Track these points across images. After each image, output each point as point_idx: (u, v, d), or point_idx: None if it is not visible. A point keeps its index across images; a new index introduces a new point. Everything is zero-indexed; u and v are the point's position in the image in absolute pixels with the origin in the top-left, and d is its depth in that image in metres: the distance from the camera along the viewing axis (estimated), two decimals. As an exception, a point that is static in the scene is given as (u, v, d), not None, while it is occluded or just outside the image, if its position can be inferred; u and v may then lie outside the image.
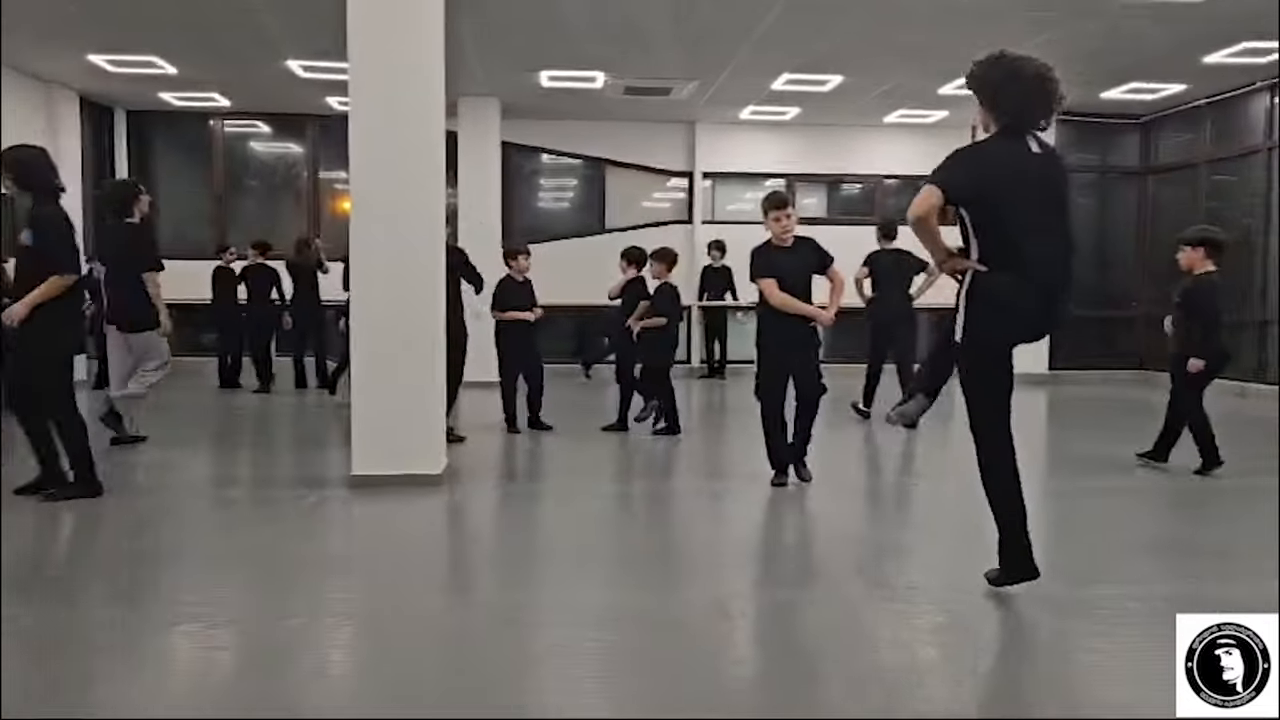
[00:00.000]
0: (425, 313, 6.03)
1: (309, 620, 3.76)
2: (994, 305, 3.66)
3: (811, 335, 6.02)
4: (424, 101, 5.96)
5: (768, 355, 6.06)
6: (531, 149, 14.27)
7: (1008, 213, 3.62)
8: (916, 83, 11.48)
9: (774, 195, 6.13)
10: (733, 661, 3.41)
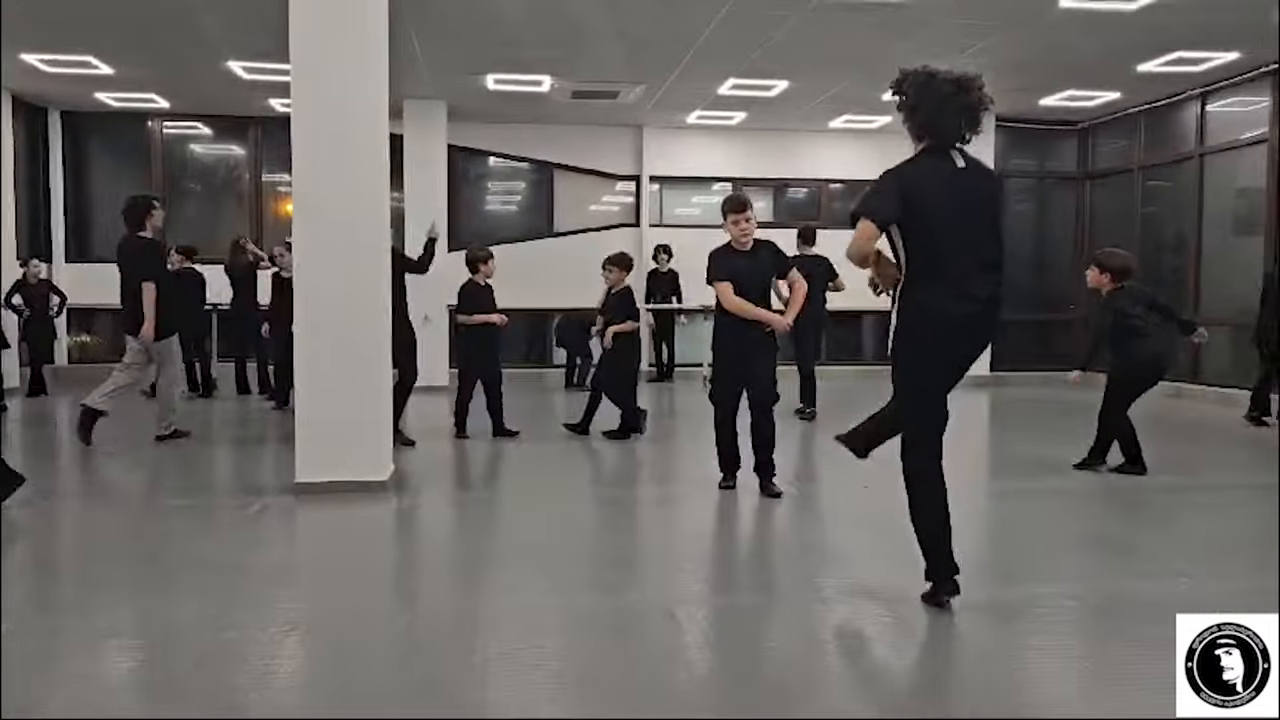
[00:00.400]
0: (370, 317, 5.97)
1: (250, 630, 3.70)
2: (924, 319, 3.69)
3: (768, 341, 5.90)
4: (367, 103, 5.90)
5: (723, 360, 6.02)
6: (478, 152, 14.18)
7: (934, 229, 3.66)
8: (860, 88, 11.63)
9: (734, 198, 6.04)
10: (681, 665, 3.42)
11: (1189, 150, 11.89)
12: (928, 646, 3.67)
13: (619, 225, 14.33)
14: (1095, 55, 10.07)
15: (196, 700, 3.08)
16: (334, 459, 5.83)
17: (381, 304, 6.05)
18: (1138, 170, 12.87)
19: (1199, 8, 8.42)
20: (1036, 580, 4.36)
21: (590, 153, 14.24)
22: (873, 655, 3.61)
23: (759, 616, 3.95)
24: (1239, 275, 11.22)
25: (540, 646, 3.52)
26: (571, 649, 3.55)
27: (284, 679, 3.32)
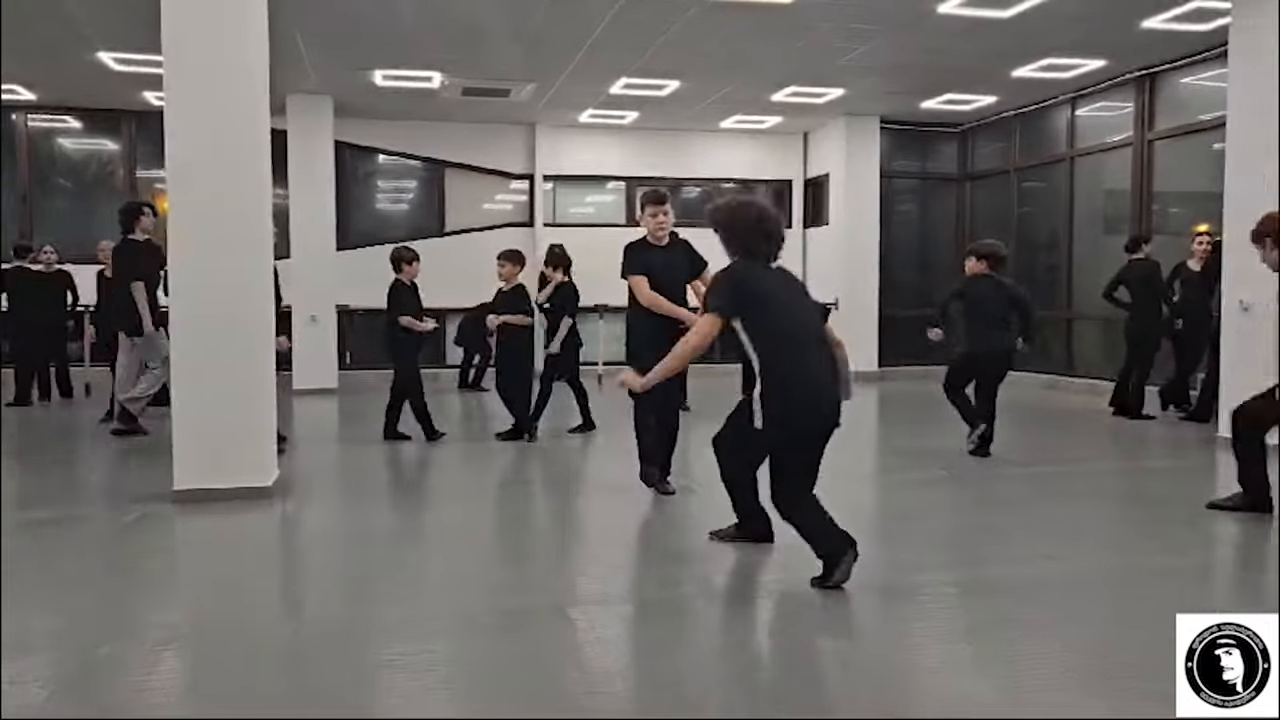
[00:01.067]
0: (252, 318, 5.77)
1: (125, 643, 3.53)
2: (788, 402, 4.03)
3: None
4: (246, 97, 5.70)
5: (638, 360, 5.72)
6: (367, 149, 13.87)
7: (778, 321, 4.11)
8: (749, 89, 11.82)
9: (653, 192, 5.95)
10: (574, 665, 3.41)
11: (1061, 153, 12.45)
12: (820, 636, 3.75)
13: (512, 224, 14.22)
14: (972, 60, 10.44)
15: (71, 713, 2.93)
16: (214, 464, 5.61)
17: (264, 303, 5.86)
18: (1014, 172, 13.41)
19: (1068, 17, 8.81)
20: (920, 568, 4.49)
21: (482, 151, 14.09)
22: (768, 649, 3.67)
23: (654, 615, 3.97)
24: (1108, 272, 11.77)
25: (431, 651, 3.46)
26: (462, 653, 3.50)
27: (161, 693, 3.18)
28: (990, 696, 3.07)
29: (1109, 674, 3.24)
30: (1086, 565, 4.54)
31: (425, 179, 14.34)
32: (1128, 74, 10.95)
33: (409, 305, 7.95)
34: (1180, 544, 4.98)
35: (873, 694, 3.15)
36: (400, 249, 8.19)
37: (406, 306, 7.93)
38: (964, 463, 7.07)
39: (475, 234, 13.69)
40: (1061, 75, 11.10)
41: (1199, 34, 9.22)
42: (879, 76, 11.19)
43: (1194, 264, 9.16)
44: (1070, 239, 12.33)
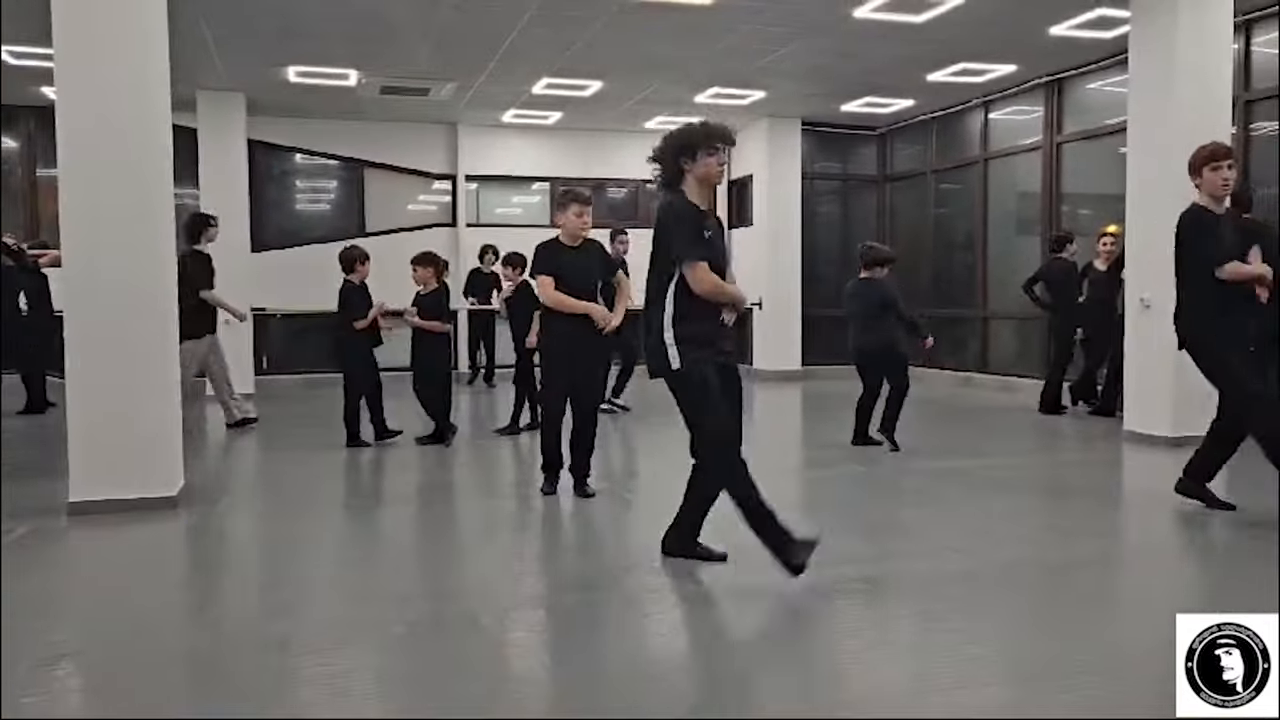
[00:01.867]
0: (152, 321, 5.56)
1: (12, 664, 3.36)
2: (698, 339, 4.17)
3: (598, 341, 5.77)
4: (142, 91, 5.49)
5: (551, 360, 5.86)
6: (283, 148, 13.56)
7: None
8: (672, 90, 11.84)
9: (579, 191, 5.94)
10: (487, 671, 3.34)
11: (975, 155, 12.73)
12: (729, 632, 3.74)
13: (435, 225, 14.05)
14: (889, 64, 10.61)
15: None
16: (113, 474, 5.39)
17: (165, 304, 5.65)
18: (930, 174, 13.68)
19: (979, 22, 9.01)
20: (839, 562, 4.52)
21: (404, 150, 13.89)
22: (681, 650, 3.65)
23: (572, 618, 3.92)
24: (1021, 272, 12.07)
25: (332, 663, 3.36)
26: (364, 663, 3.41)
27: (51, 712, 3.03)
28: (902, 690, 3.10)
29: (1025, 668, 3.30)
30: (994, 558, 4.61)
31: (345, 179, 14.08)
32: (1037, 79, 11.24)
33: (359, 307, 7.85)
34: (1093, 534, 5.10)
35: (791, 689, 3.15)
36: (351, 249, 8.10)
37: (358, 308, 7.83)
38: (883, 458, 7.17)
39: (398, 235, 13.46)
40: (975, 80, 11.35)
41: (1103, 41, 9.51)
42: (799, 79, 11.31)
43: (1100, 264, 9.43)
44: (985, 239, 12.61)
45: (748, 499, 4.08)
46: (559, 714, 3.01)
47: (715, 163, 4.28)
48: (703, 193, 4.33)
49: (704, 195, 4.34)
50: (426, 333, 7.90)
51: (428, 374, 7.96)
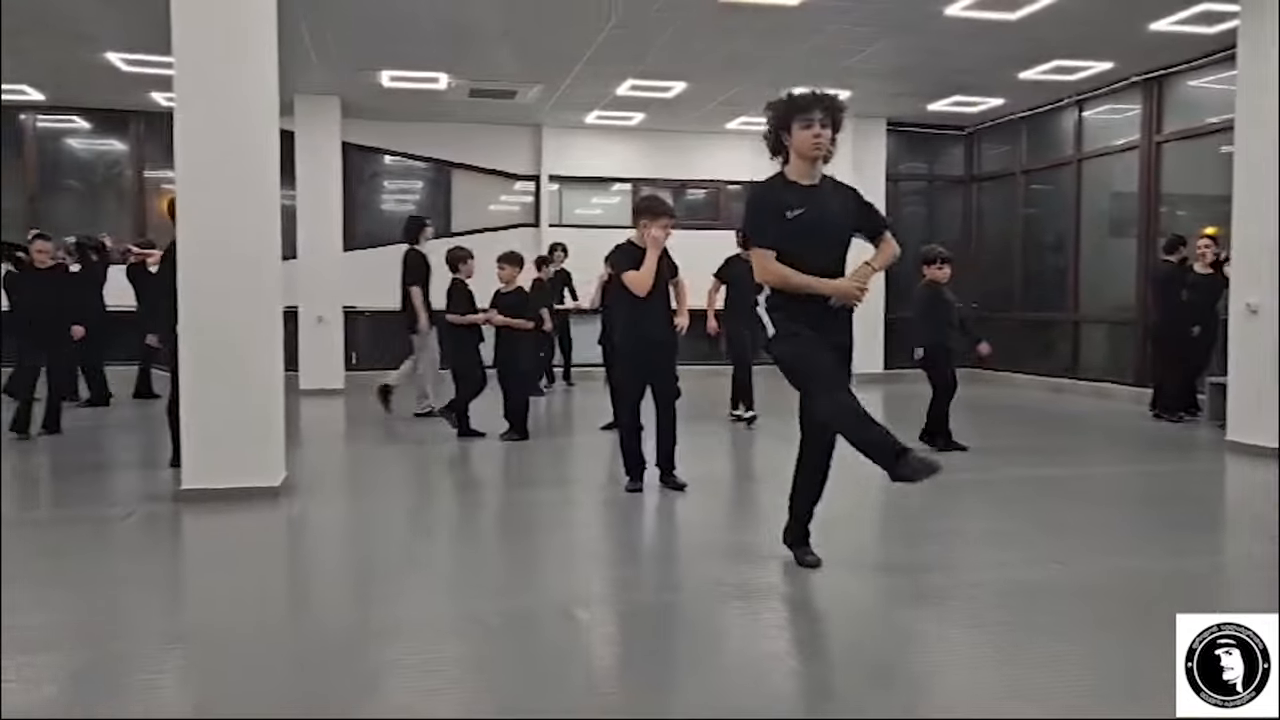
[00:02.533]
0: (259, 316, 5.78)
1: (135, 642, 3.54)
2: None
3: (672, 338, 6.04)
4: (255, 98, 5.72)
5: (629, 357, 6.04)
6: (374, 150, 13.90)
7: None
8: (756, 91, 11.78)
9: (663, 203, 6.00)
10: (580, 667, 3.41)
11: (1068, 155, 12.43)
12: (826, 636, 3.74)
13: (518, 225, 14.24)
14: (979, 62, 10.43)
15: (79, 712, 2.93)
16: (222, 464, 5.62)
17: (271, 302, 5.87)
18: (1020, 174, 13.39)
19: (1075, 19, 8.80)
20: (939, 569, 4.48)
21: (489, 152, 14.11)
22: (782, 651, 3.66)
23: (661, 615, 3.96)
24: (1115, 275, 11.79)
25: (434, 652, 3.46)
26: (467, 654, 3.49)
27: (166, 694, 3.19)
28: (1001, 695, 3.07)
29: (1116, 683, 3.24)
30: (1096, 568, 4.52)
31: (432, 180, 14.36)
32: (1135, 76, 10.92)
33: (461, 304, 8.10)
34: (1194, 549, 4.96)
35: (882, 693, 3.14)
36: (455, 249, 8.40)
37: (459, 305, 8.10)
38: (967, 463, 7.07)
39: (481, 235, 13.68)
40: (1068, 78, 11.08)
41: (1207, 36, 9.20)
42: (886, 79, 11.19)
43: (1201, 267, 9.14)
44: (1077, 241, 12.30)
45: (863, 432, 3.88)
46: (650, 710, 3.05)
47: (810, 135, 4.05)
48: (802, 166, 4.12)
49: (804, 169, 4.12)
50: (510, 330, 8.04)
51: (514, 371, 8.11)
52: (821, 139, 4.06)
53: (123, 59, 10.21)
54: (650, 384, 5.98)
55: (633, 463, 6.07)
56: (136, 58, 10.11)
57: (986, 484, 6.58)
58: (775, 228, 4.03)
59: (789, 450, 4.42)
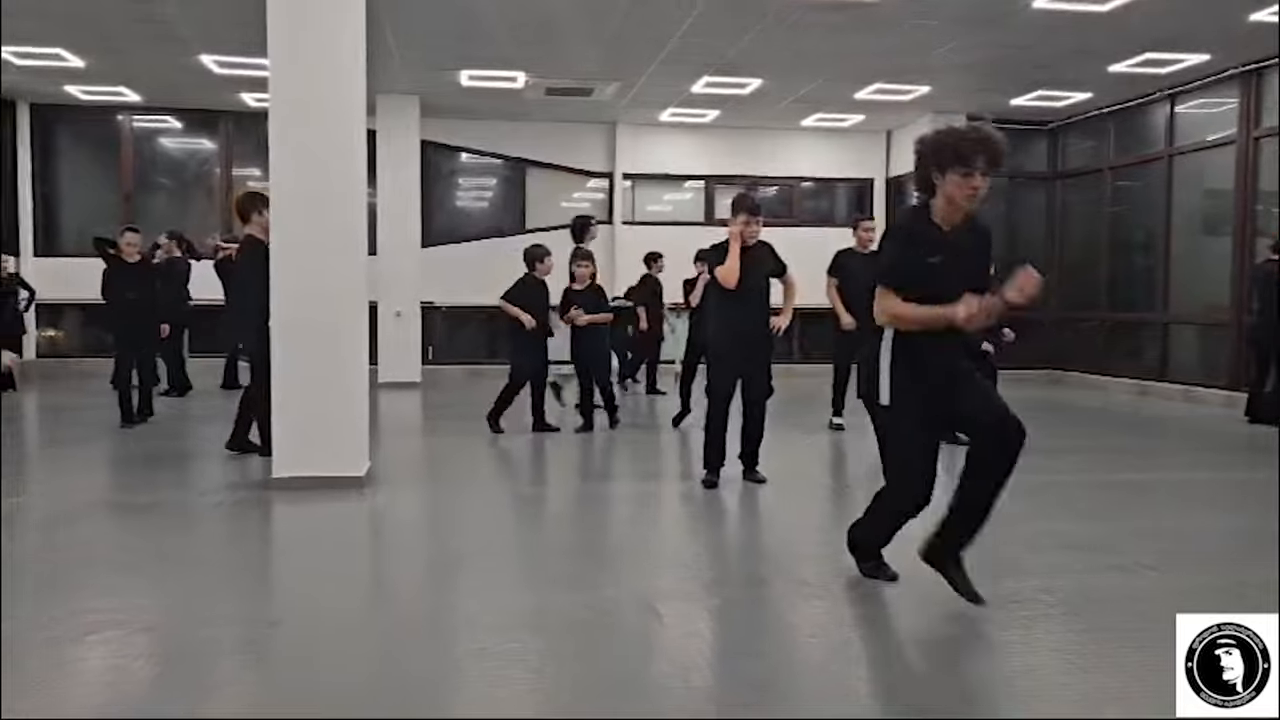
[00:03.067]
0: (347, 312, 5.93)
1: (227, 626, 3.67)
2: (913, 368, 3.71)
3: (767, 336, 6.06)
4: (345, 99, 5.86)
5: (722, 352, 6.08)
6: (451, 148, 14.13)
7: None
8: (832, 87, 11.70)
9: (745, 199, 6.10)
10: (662, 661, 3.43)
11: (1158, 151, 12.05)
12: (913, 640, 3.71)
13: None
14: (1066, 55, 10.18)
15: (173, 694, 3.05)
16: (310, 454, 5.80)
17: (358, 299, 6.02)
18: (1107, 170, 13.04)
19: (1169, 11, 8.54)
20: (1012, 575, 4.40)
21: (563, 149, 14.23)
22: (859, 653, 3.64)
23: (740, 611, 3.97)
24: (1207, 275, 11.40)
25: (518, 642, 3.51)
26: (550, 645, 3.54)
27: (259, 674, 3.30)
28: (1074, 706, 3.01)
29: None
30: (1192, 583, 4.39)
31: (507, 177, 14.54)
32: (1232, 69, 10.55)
33: (530, 301, 8.02)
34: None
35: (951, 696, 3.11)
36: (535, 246, 8.34)
37: (533, 303, 8.01)
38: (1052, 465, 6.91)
39: (555, 231, 13.80)
40: (1160, 70, 10.75)
41: (1311, 27, 8.85)
42: (967, 73, 10.99)
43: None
44: (1168, 240, 11.92)
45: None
46: (728, 708, 3.06)
47: (968, 186, 3.57)
48: (948, 212, 3.68)
49: (949, 214, 3.68)
50: (594, 325, 8.11)
51: (602, 364, 8.18)
52: (979, 191, 3.60)
53: (215, 61, 10.54)
54: (741, 380, 6.01)
55: (713, 456, 6.10)
56: (228, 59, 10.43)
57: (1070, 486, 6.43)
58: (907, 268, 3.69)
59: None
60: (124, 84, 11.96)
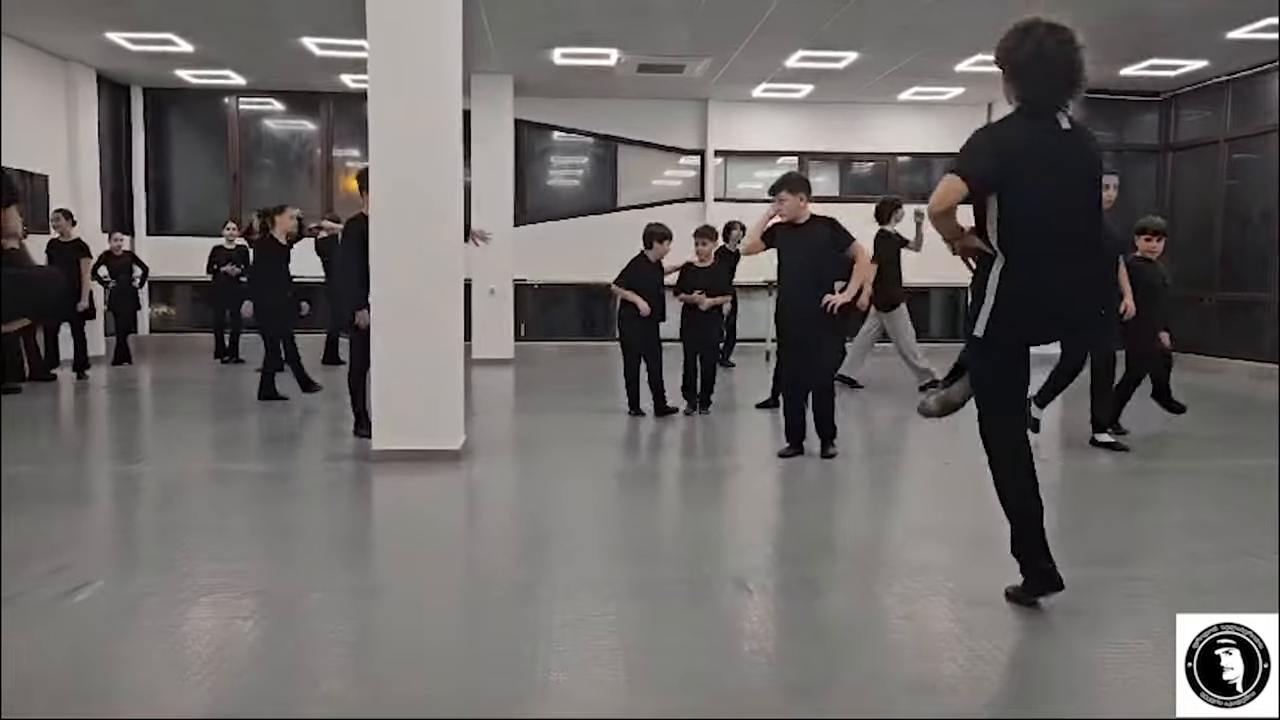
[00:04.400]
0: (444, 291, 6.06)
1: (331, 593, 3.81)
2: (1016, 300, 3.39)
3: (811, 311, 6.09)
4: (442, 79, 5.97)
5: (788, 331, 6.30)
6: (544, 126, 14.24)
7: (1031, 200, 3.36)
8: (931, 59, 11.39)
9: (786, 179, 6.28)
10: (750, 636, 3.44)
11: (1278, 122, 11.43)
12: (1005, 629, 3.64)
13: (683, 200, 14.30)
14: (1182, 21, 9.71)
15: (276, 653, 3.19)
16: (408, 427, 5.96)
17: (455, 276, 6.14)
18: (1224, 142, 12.42)
19: (1294, -28, 8.08)
20: (1139, 559, 4.28)
21: (655, 127, 14.21)
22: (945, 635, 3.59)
23: (834, 590, 3.95)
24: (1329, 252, 10.80)
25: (607, 615, 3.56)
26: (641, 617, 3.58)
27: (360, 639, 3.43)
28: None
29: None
30: None
31: (599, 155, 14.59)
32: (1363, 34, 9.93)
33: (642, 282, 7.85)
34: None
35: (1017, 691, 3.04)
36: (656, 225, 8.11)
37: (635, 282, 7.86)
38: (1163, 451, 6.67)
39: (646, 209, 13.82)
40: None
41: None
42: (1074, 42, 10.55)
43: None
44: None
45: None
46: (817, 684, 3.05)
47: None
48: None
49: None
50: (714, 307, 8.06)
51: (706, 347, 8.12)
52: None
53: (316, 43, 10.82)
54: (793, 355, 6.29)
55: (790, 432, 6.36)
56: (328, 42, 10.69)
57: (1184, 474, 6.20)
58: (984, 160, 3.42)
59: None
60: (230, 67, 12.37)
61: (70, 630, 3.39)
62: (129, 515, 5.23)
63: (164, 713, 2.78)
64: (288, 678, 3.03)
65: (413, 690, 2.94)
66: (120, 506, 5.37)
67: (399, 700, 2.87)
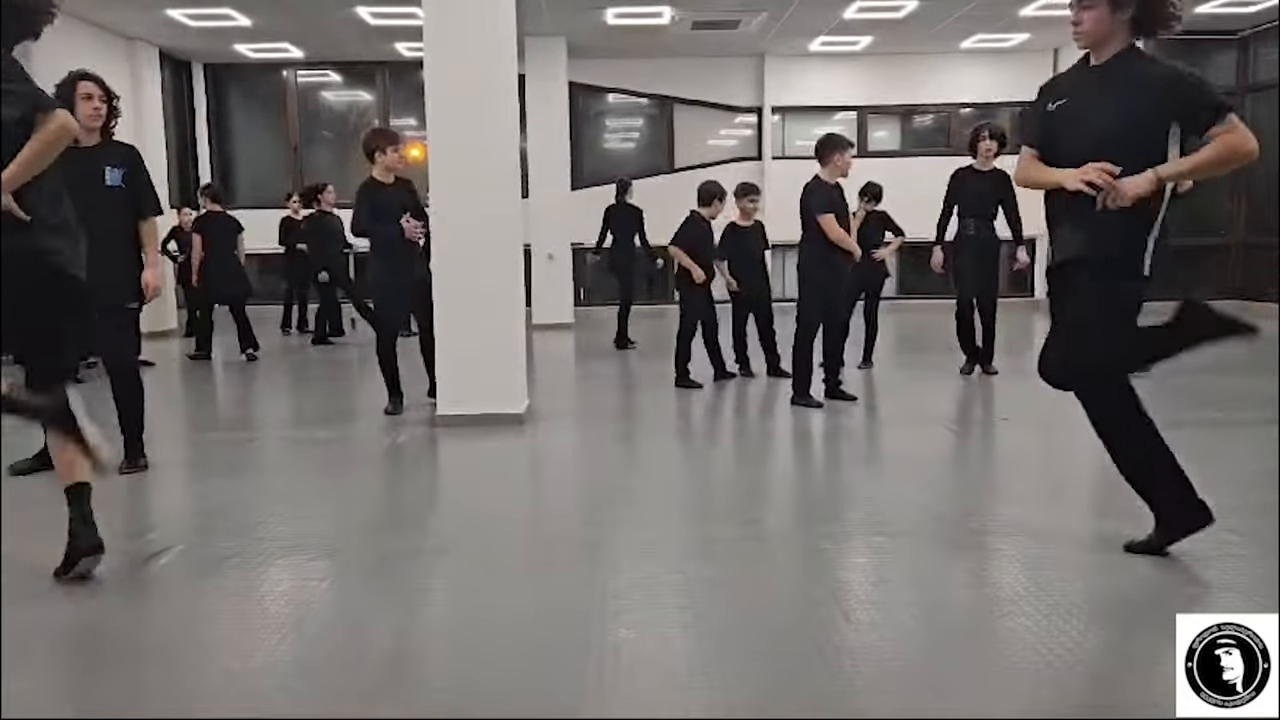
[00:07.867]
0: (504, 255, 6.09)
1: (400, 554, 3.88)
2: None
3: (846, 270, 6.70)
4: (496, 44, 5.96)
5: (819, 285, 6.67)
6: (598, 89, 14.17)
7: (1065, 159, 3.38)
8: (994, 4, 11.06)
9: (843, 138, 6.70)
10: (815, 600, 3.43)
11: (1366, 57, 10.90)
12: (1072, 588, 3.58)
13: (740, 159, 14.15)
14: (1260, -45, 9.29)
15: (347, 613, 3.26)
16: (473, 392, 6.03)
17: (513, 242, 6.17)
18: (1305, 81, 11.90)
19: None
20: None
21: (710, 85, 14.05)
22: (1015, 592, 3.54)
23: (897, 549, 3.91)
24: None
25: (679, 573, 3.57)
26: (713, 575, 3.58)
27: (428, 599, 3.50)
28: None
29: None
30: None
31: (654, 116, 14.49)
32: None
33: (695, 242, 7.66)
34: None
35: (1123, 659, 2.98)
36: (709, 183, 7.87)
37: (689, 242, 7.67)
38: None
39: (703, 169, 13.70)
40: (1372, -34, 9.67)
41: None
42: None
43: None
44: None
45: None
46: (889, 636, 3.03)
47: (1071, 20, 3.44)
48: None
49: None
50: (759, 269, 7.97)
51: (758, 308, 7.99)
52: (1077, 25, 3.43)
53: (370, 12, 10.86)
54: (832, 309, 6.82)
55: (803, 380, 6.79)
56: (382, 10, 10.73)
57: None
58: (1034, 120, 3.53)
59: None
60: (287, 40, 12.50)
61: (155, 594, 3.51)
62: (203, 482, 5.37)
63: (244, 670, 2.86)
64: (362, 635, 3.10)
65: (482, 646, 2.99)
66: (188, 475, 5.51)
67: (469, 656, 2.93)
